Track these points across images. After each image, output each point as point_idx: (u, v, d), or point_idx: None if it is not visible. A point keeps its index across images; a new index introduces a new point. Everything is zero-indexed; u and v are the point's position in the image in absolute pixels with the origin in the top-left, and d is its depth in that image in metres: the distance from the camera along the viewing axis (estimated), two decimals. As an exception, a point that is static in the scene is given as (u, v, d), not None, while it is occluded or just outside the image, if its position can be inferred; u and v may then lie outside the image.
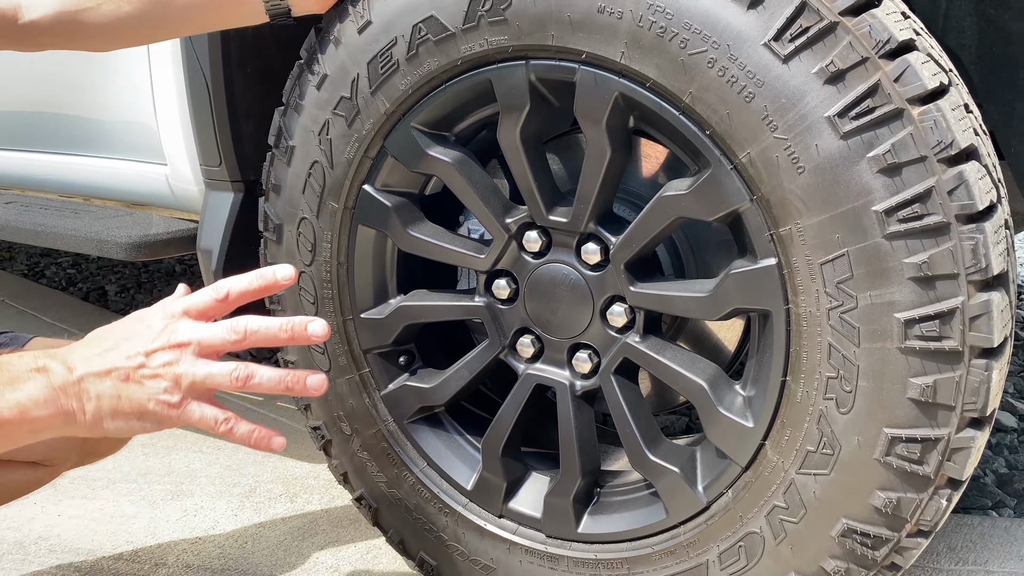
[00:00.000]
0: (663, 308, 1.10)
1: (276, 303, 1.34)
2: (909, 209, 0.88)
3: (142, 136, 1.60)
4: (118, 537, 1.54)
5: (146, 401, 0.84)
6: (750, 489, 1.05)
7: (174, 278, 3.26)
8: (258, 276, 0.89)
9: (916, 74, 0.87)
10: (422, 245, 1.22)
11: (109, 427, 0.84)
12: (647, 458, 1.13)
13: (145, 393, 0.84)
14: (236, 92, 1.39)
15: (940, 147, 0.87)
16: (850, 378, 0.95)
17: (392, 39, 1.12)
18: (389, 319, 1.27)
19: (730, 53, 0.92)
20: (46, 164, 1.80)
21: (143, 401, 0.84)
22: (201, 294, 0.88)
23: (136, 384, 0.83)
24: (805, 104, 0.90)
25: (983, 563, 1.39)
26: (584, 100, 1.03)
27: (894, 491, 0.95)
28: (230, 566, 1.45)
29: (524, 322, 1.20)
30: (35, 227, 1.66)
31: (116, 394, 0.82)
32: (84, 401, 0.82)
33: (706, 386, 1.07)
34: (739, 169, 0.96)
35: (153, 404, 0.84)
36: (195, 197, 1.54)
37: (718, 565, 1.09)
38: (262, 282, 0.89)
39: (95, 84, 1.67)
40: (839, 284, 0.93)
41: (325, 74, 1.18)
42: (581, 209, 1.10)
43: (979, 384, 0.90)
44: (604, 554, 1.17)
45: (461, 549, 1.28)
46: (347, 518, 1.58)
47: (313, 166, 1.23)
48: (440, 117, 1.16)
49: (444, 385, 1.26)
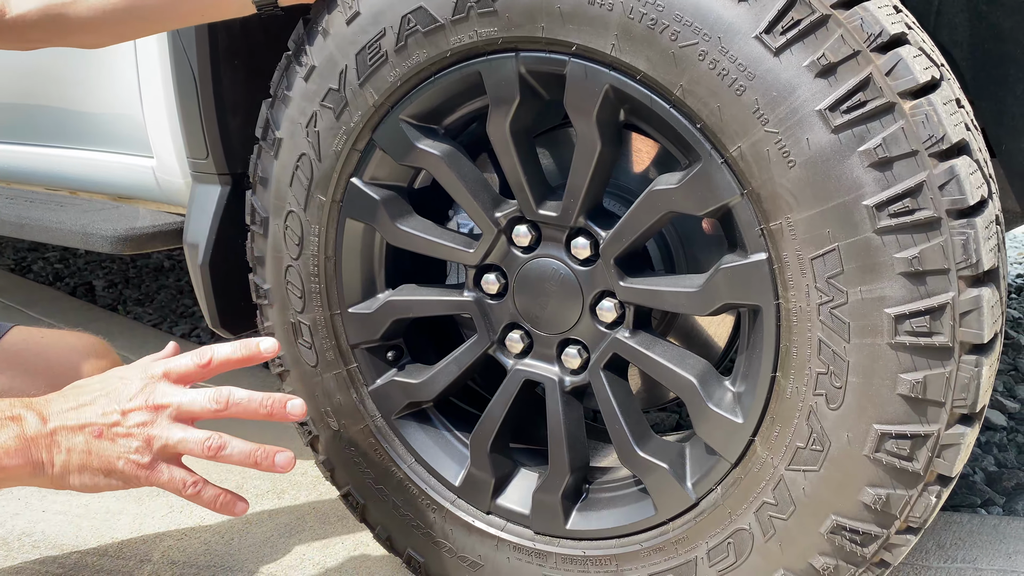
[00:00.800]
0: (653, 303, 1.09)
1: (263, 297, 1.33)
2: (900, 204, 0.87)
3: (128, 128, 1.58)
4: (103, 533, 1.53)
5: (116, 459, 0.84)
6: (739, 485, 1.04)
7: (162, 273, 3.24)
8: (242, 346, 0.91)
9: (908, 68, 0.87)
10: (411, 239, 1.21)
11: (75, 482, 0.84)
12: (636, 454, 1.12)
13: (116, 451, 0.84)
14: (223, 84, 1.37)
15: (931, 141, 0.87)
16: (840, 374, 0.94)
17: (381, 30, 1.11)
18: (377, 314, 1.26)
19: (721, 46, 0.92)
20: (31, 156, 1.79)
21: (113, 459, 0.84)
22: (183, 358, 0.88)
23: (108, 441, 0.83)
24: (796, 97, 0.89)
25: (972, 560, 1.39)
26: (574, 93, 1.02)
27: (884, 487, 0.95)
28: (216, 562, 1.44)
29: (513, 317, 1.19)
30: (19, 220, 1.64)
31: (87, 449, 0.83)
32: (54, 454, 0.82)
33: (696, 382, 1.06)
34: (730, 163, 0.95)
35: (123, 463, 0.84)
36: (181, 190, 1.52)
37: (707, 562, 1.08)
38: (245, 352, 0.91)
39: (80, 76, 1.65)
40: (829, 279, 0.92)
41: (313, 65, 1.17)
42: (571, 203, 1.09)
43: (969, 380, 0.90)
44: (592, 551, 1.17)
45: (449, 546, 1.27)
46: (334, 514, 1.57)
47: (300, 159, 1.22)
48: (429, 110, 1.15)
49: (432, 380, 1.25)
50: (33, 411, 0.84)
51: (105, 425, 0.84)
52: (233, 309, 1.44)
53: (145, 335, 2.52)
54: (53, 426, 0.84)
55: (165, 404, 0.86)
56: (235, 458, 0.89)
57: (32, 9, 1.13)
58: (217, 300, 1.42)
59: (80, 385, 0.88)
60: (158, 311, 2.82)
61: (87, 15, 1.13)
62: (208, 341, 2.54)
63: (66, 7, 1.13)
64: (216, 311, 1.42)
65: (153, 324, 2.70)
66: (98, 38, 1.20)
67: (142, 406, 0.85)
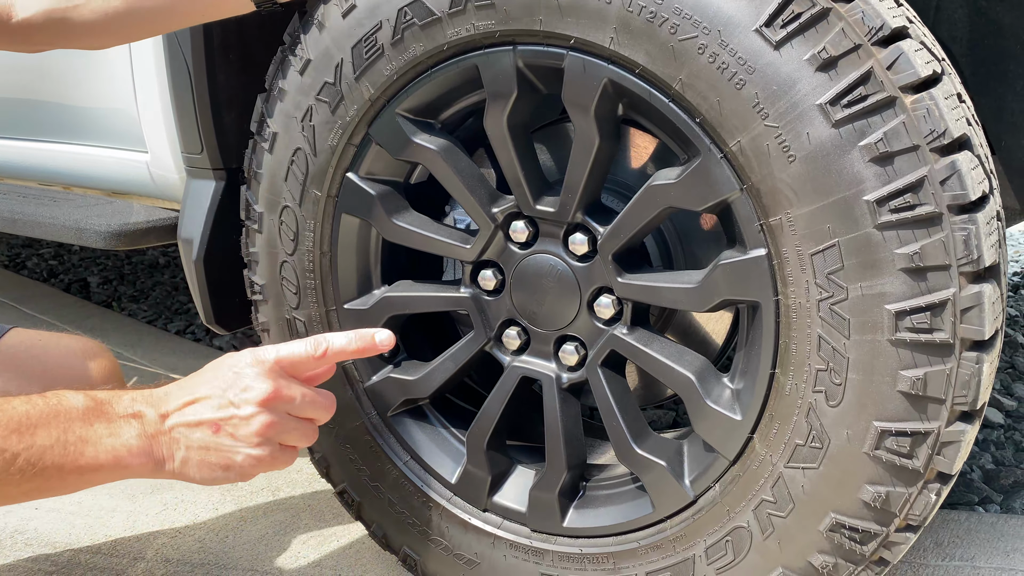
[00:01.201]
0: (651, 300, 1.08)
1: (258, 293, 1.32)
2: (901, 199, 0.87)
3: (122, 123, 1.57)
4: (96, 531, 1.52)
5: (234, 455, 0.86)
6: (738, 483, 1.03)
7: (157, 270, 3.23)
8: (358, 337, 0.90)
9: (909, 62, 0.86)
10: (407, 235, 1.20)
11: (194, 475, 0.86)
12: (633, 451, 1.12)
13: (234, 446, 0.85)
14: (218, 79, 1.36)
15: (933, 136, 0.86)
16: (840, 370, 0.93)
17: (377, 23, 1.09)
18: (373, 310, 1.25)
19: (721, 39, 0.91)
20: (24, 151, 1.77)
21: (231, 455, 0.86)
22: (297, 345, 0.88)
23: (226, 437, 0.85)
24: (797, 91, 0.88)
25: (970, 559, 1.38)
26: (572, 87, 1.02)
27: (883, 485, 0.94)
28: (210, 560, 1.43)
29: (510, 314, 1.18)
30: (12, 215, 1.63)
31: (205, 446, 0.85)
32: (174, 451, 0.84)
33: (694, 379, 1.05)
34: (729, 158, 0.95)
35: (240, 458, 0.86)
36: (176, 185, 1.51)
37: (705, 560, 1.07)
38: (360, 344, 0.91)
39: (74, 71, 1.64)
40: (829, 275, 0.91)
41: (308, 59, 1.16)
42: (568, 199, 1.08)
43: (970, 377, 0.89)
44: (590, 548, 1.16)
45: (445, 543, 1.27)
46: (330, 512, 1.56)
47: (296, 153, 1.21)
48: (426, 104, 1.14)
49: (429, 377, 1.24)
50: (153, 407, 0.85)
51: (222, 420, 0.84)
52: (228, 305, 1.43)
53: (140, 332, 2.51)
54: (172, 423, 0.85)
55: (279, 394, 0.86)
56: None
57: (37, 13, 1.15)
58: (212, 296, 1.41)
59: (195, 379, 0.88)
60: (153, 308, 2.81)
61: (90, 18, 1.14)
62: (203, 338, 2.53)
63: (69, 11, 1.14)
64: (210, 307, 1.41)
65: (148, 321, 2.69)
66: (101, 40, 1.21)
67: (255, 400, 0.85)
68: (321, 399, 0.91)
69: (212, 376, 0.87)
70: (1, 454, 0.74)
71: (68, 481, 0.79)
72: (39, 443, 0.77)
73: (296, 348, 0.89)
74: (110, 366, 1.33)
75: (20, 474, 0.75)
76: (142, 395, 0.86)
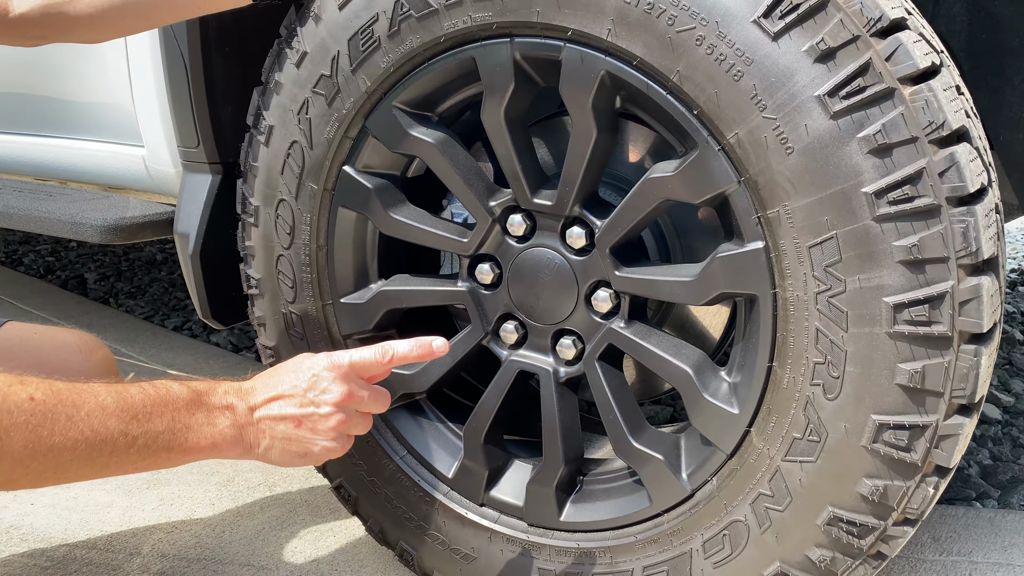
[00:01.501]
0: (649, 293, 1.08)
1: (254, 288, 1.31)
2: (899, 191, 0.86)
3: (118, 117, 1.57)
4: (92, 526, 1.51)
5: (312, 445, 0.99)
6: (735, 477, 1.03)
7: (154, 266, 3.22)
8: (418, 344, 1.02)
9: (908, 53, 0.86)
10: (404, 228, 1.19)
11: (276, 460, 0.99)
12: (631, 445, 1.11)
13: (313, 439, 0.98)
14: (214, 72, 1.36)
15: (931, 128, 0.85)
16: (838, 363, 0.93)
17: (374, 15, 1.09)
18: (370, 304, 1.25)
19: (719, 30, 0.90)
20: (19, 146, 1.77)
21: (310, 445, 0.98)
22: (367, 352, 1.01)
23: (306, 431, 0.97)
24: (795, 83, 0.88)
25: (967, 553, 1.38)
26: (570, 79, 1.01)
27: (881, 479, 0.94)
28: (206, 555, 1.43)
29: (508, 308, 1.18)
30: (7, 209, 1.62)
31: (287, 437, 0.97)
32: (260, 440, 0.97)
33: (691, 372, 1.05)
34: (727, 150, 0.94)
35: (318, 448, 0.99)
36: (172, 179, 1.51)
37: (702, 554, 1.07)
38: (420, 350, 1.03)
39: (70, 64, 1.63)
40: (827, 267, 0.91)
41: (305, 51, 1.15)
42: (566, 192, 1.08)
43: (968, 370, 0.89)
44: (587, 543, 1.16)
45: (442, 538, 1.26)
46: (327, 507, 1.56)
47: (292, 146, 1.20)
48: (423, 96, 1.14)
49: (426, 372, 1.24)
50: (243, 400, 0.96)
51: (303, 416, 0.97)
52: (224, 299, 1.42)
53: (137, 328, 2.50)
54: (259, 415, 0.97)
55: (352, 395, 0.99)
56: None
57: (34, 7, 1.16)
58: (208, 290, 1.41)
59: (278, 375, 1.00)
60: (150, 304, 2.80)
61: (86, 12, 1.15)
62: (201, 335, 2.52)
63: (65, 5, 1.15)
64: (207, 301, 1.41)
65: (145, 317, 2.68)
66: (97, 34, 1.22)
67: (332, 401, 0.98)
68: (381, 396, 1.03)
69: (293, 376, 0.99)
70: (124, 437, 0.86)
71: (172, 460, 0.92)
72: (153, 429, 0.89)
73: (366, 354, 1.01)
74: (106, 360, 1.33)
75: (136, 454, 0.88)
76: (232, 388, 0.97)
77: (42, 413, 0.81)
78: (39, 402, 0.82)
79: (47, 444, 0.81)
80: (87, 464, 0.85)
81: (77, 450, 0.83)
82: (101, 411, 0.85)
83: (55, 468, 0.82)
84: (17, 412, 0.79)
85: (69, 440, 0.82)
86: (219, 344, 2.44)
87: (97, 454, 0.85)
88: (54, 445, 0.81)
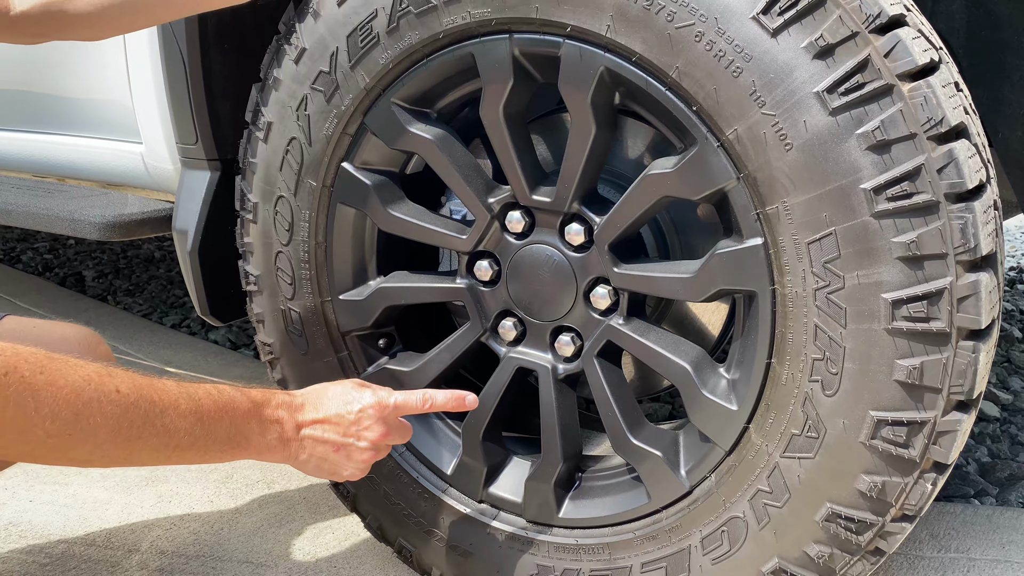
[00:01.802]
0: (647, 290, 1.08)
1: (253, 284, 1.31)
2: (898, 187, 0.86)
3: (117, 114, 1.56)
4: (91, 523, 1.51)
5: (344, 469, 1.09)
6: (733, 473, 1.03)
7: (153, 264, 3.22)
8: (455, 397, 1.13)
9: (906, 49, 0.86)
10: (402, 225, 1.19)
11: (308, 471, 1.09)
12: (629, 442, 1.11)
13: (347, 464, 1.08)
14: (213, 69, 1.35)
15: (930, 124, 0.86)
16: (836, 360, 0.93)
17: (372, 11, 1.09)
18: (368, 301, 1.25)
19: (718, 27, 0.90)
20: (17, 143, 1.76)
21: (342, 469, 1.09)
22: (411, 397, 1.11)
23: (343, 457, 1.07)
24: (794, 79, 0.88)
25: (965, 551, 1.38)
26: (569, 75, 1.01)
27: (879, 475, 0.94)
28: (205, 552, 1.43)
29: (506, 304, 1.18)
30: (6, 206, 1.62)
31: (325, 457, 1.07)
32: (300, 453, 1.06)
33: (690, 369, 1.05)
34: (726, 146, 0.94)
35: (348, 472, 1.09)
36: (171, 176, 1.50)
37: (700, 550, 1.07)
38: (456, 403, 1.13)
39: (68, 61, 1.63)
40: (826, 264, 0.91)
41: (304, 48, 1.15)
42: (565, 189, 1.08)
43: (966, 366, 0.89)
44: (585, 539, 1.16)
45: (440, 534, 1.26)
46: (325, 504, 1.56)
47: (291, 143, 1.20)
48: (421, 93, 1.13)
49: (424, 368, 1.24)
50: (292, 416, 1.05)
51: (343, 444, 1.07)
52: (222, 296, 1.42)
53: (135, 326, 2.50)
54: (304, 434, 1.05)
55: (387, 435, 1.09)
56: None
57: (34, 5, 1.16)
58: (206, 287, 1.40)
59: (327, 396, 1.08)
60: (148, 301, 2.80)
61: (86, 10, 1.15)
62: (199, 332, 2.52)
63: (65, 3, 1.15)
64: (205, 298, 1.41)
65: (143, 314, 2.68)
66: (97, 32, 1.22)
67: (370, 439, 1.08)
68: (406, 431, 1.14)
69: (341, 404, 1.07)
70: (188, 436, 0.93)
71: (223, 458, 0.99)
72: (214, 433, 0.96)
73: (410, 399, 1.11)
74: (105, 356, 1.33)
75: (195, 452, 0.95)
76: (284, 402, 1.05)
77: (125, 406, 0.88)
78: (124, 395, 0.88)
79: (126, 435, 0.88)
80: (153, 455, 0.92)
81: (149, 443, 0.90)
82: (174, 410, 0.92)
83: (127, 456, 0.90)
84: (106, 403, 0.86)
85: (144, 434, 0.89)
86: (217, 342, 2.44)
87: (163, 448, 0.92)
88: (131, 436, 0.88)
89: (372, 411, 1.08)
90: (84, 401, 0.85)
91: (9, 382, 0.80)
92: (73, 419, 0.84)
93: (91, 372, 0.87)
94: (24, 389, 0.81)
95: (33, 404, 0.82)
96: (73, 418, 0.84)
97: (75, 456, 0.87)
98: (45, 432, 0.83)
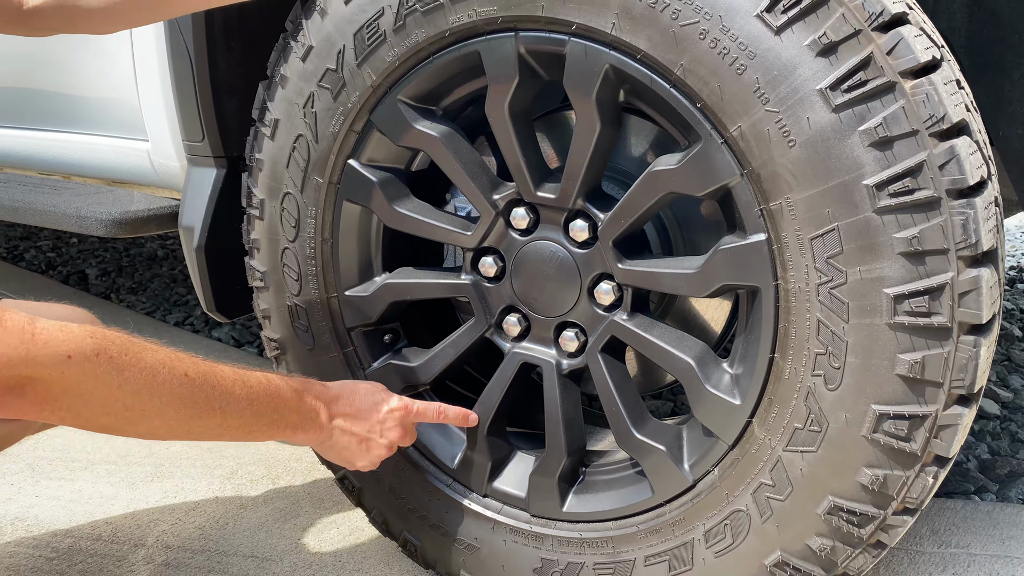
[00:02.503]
0: (651, 285, 1.09)
1: (259, 280, 1.32)
2: (900, 183, 0.87)
3: (123, 112, 1.57)
4: (96, 518, 1.52)
5: (358, 459, 1.17)
6: (736, 467, 1.04)
7: (156, 262, 3.23)
8: (462, 415, 1.22)
9: (909, 47, 0.87)
10: (408, 221, 1.20)
11: (327, 455, 1.18)
12: (633, 436, 1.12)
13: (366, 455, 1.17)
14: (220, 66, 1.36)
15: (932, 121, 0.86)
16: (839, 354, 0.94)
17: (379, 9, 1.10)
18: (374, 297, 1.26)
19: (722, 24, 0.91)
20: (24, 140, 1.77)
21: (356, 459, 1.17)
22: (429, 408, 1.20)
23: (364, 449, 1.16)
24: (797, 76, 0.89)
25: (966, 546, 1.39)
26: (574, 73, 1.02)
27: (881, 468, 0.95)
28: (210, 547, 1.44)
29: (511, 300, 1.19)
30: (13, 203, 1.63)
31: (346, 446, 1.16)
32: (327, 438, 1.15)
33: (693, 364, 1.06)
34: (730, 143, 0.95)
35: (361, 463, 1.18)
36: (177, 174, 1.51)
37: (704, 543, 1.08)
38: (462, 421, 1.22)
39: (75, 59, 1.64)
40: (829, 259, 0.92)
41: (310, 45, 1.16)
42: (569, 185, 1.09)
43: (967, 361, 0.90)
44: (589, 533, 1.17)
45: (445, 529, 1.27)
46: (330, 499, 1.57)
47: (297, 140, 1.21)
48: (428, 90, 1.14)
49: (429, 364, 1.25)
50: (327, 407, 1.13)
51: (365, 438, 1.16)
52: (229, 293, 1.43)
53: (138, 323, 2.51)
54: (335, 424, 1.14)
55: (403, 437, 1.18)
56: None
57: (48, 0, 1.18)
58: (212, 284, 1.41)
59: (358, 392, 1.17)
60: (151, 299, 2.81)
61: (97, 5, 1.17)
62: (202, 330, 2.53)
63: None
64: (211, 295, 1.42)
65: (146, 312, 2.69)
66: (108, 26, 1.24)
67: (390, 439, 1.17)
68: (415, 437, 1.23)
69: (372, 403, 1.17)
70: (238, 418, 1.03)
71: (264, 438, 1.08)
72: (260, 418, 1.05)
73: (428, 409, 1.20)
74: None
75: (241, 432, 1.04)
76: (320, 393, 1.14)
77: (192, 388, 0.97)
78: (191, 379, 0.98)
79: (189, 414, 0.98)
80: (208, 432, 1.02)
81: (206, 423, 1.00)
82: (231, 396, 1.02)
83: (187, 431, 1.00)
84: (176, 384, 0.96)
85: (204, 413, 0.99)
86: (221, 339, 2.45)
87: (217, 427, 1.01)
88: (192, 415, 0.98)
89: (399, 414, 1.17)
90: (159, 382, 0.94)
91: (100, 362, 0.89)
92: (149, 397, 0.94)
93: (164, 356, 0.96)
94: (112, 369, 0.90)
95: (117, 382, 0.91)
96: (150, 397, 0.94)
97: (143, 430, 0.96)
98: (125, 407, 0.92)
